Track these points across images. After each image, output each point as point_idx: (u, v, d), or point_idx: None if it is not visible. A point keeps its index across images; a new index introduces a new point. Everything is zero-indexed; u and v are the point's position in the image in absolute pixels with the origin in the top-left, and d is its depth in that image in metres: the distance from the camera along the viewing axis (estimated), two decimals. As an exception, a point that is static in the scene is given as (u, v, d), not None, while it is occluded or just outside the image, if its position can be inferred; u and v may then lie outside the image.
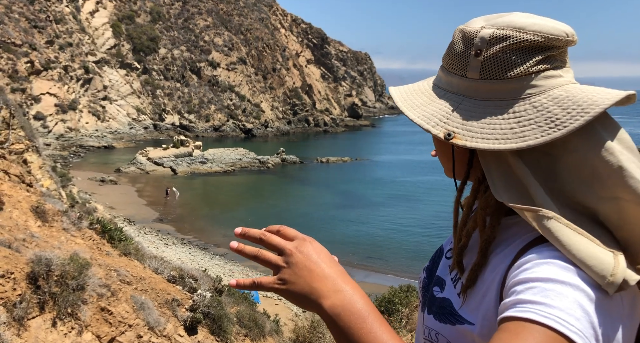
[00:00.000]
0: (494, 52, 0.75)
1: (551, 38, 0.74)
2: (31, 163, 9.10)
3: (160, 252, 18.06)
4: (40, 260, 4.23)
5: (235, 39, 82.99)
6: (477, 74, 0.77)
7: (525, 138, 0.72)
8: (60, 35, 63.08)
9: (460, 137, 0.76)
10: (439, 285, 0.92)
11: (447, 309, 0.85)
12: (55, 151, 48.55)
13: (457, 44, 0.81)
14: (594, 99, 0.71)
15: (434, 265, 1.00)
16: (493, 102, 0.77)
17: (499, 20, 0.78)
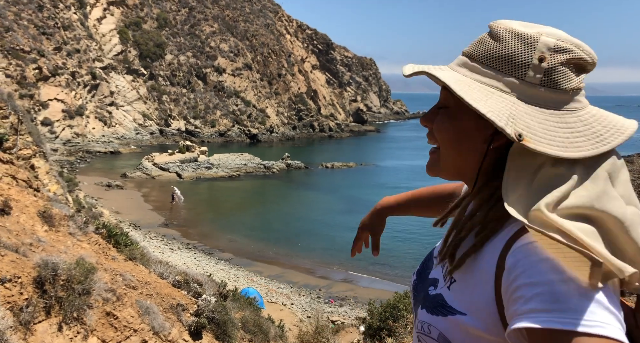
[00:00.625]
0: (559, 61, 0.77)
1: (594, 61, 0.79)
2: (38, 168, 9.18)
3: (166, 257, 18.10)
4: (46, 264, 4.26)
5: (241, 44, 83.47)
6: (537, 79, 0.78)
7: (580, 149, 0.75)
8: (68, 42, 63.75)
9: (529, 139, 0.75)
10: (434, 284, 0.95)
11: (439, 302, 0.88)
12: (62, 156, 48.92)
13: (510, 44, 0.79)
14: (622, 123, 0.80)
15: (424, 268, 1.05)
16: (547, 109, 0.78)
17: (548, 30, 0.79)
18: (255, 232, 29.02)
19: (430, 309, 0.89)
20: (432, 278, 0.97)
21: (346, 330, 9.43)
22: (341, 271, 23.37)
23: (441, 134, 0.88)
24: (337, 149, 69.63)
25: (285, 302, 18.75)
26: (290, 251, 26.05)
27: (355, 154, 62.96)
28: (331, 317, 15.78)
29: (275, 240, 27.77)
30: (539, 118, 0.78)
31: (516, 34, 0.80)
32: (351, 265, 23.98)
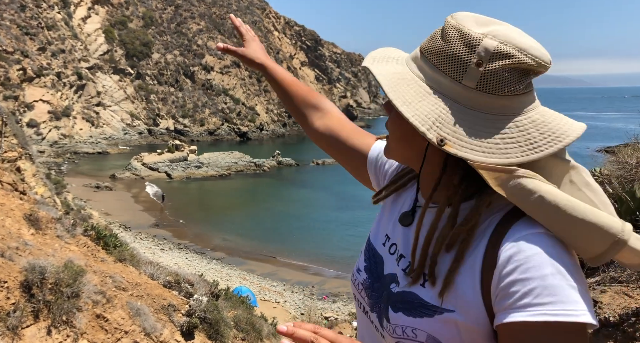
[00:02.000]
0: (497, 67, 0.75)
1: (542, 65, 0.77)
2: (24, 171, 9.06)
3: (157, 258, 18.00)
4: (33, 268, 4.21)
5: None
6: (474, 83, 0.77)
7: (508, 155, 0.76)
8: (53, 42, 62.88)
9: (451, 144, 0.76)
10: (394, 280, 0.91)
11: (415, 303, 0.84)
12: (50, 158, 48.34)
13: (453, 45, 0.78)
14: (564, 129, 0.78)
15: (372, 264, 0.98)
16: (482, 114, 0.77)
17: (498, 31, 0.77)
18: (247, 231, 28.97)
19: (409, 311, 0.84)
20: (390, 273, 0.93)
21: (339, 326, 9.48)
22: (334, 267, 23.44)
23: (389, 128, 0.89)
24: (327, 146, 69.56)
25: (279, 299, 18.77)
26: (282, 249, 26.05)
27: (346, 150, 62.97)
28: (324, 313, 15.84)
29: (268, 238, 27.75)
30: (470, 122, 0.77)
31: (461, 34, 0.78)
32: (344, 261, 24.06)
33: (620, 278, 1.69)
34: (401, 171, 1.05)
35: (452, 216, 0.82)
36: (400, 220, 0.95)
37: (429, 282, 0.83)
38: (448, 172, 0.83)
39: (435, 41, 0.81)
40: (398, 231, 0.96)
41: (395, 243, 0.95)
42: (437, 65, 0.80)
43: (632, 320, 1.43)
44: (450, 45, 0.78)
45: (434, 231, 0.83)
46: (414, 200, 0.95)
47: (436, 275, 0.82)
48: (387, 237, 0.98)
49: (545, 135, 0.77)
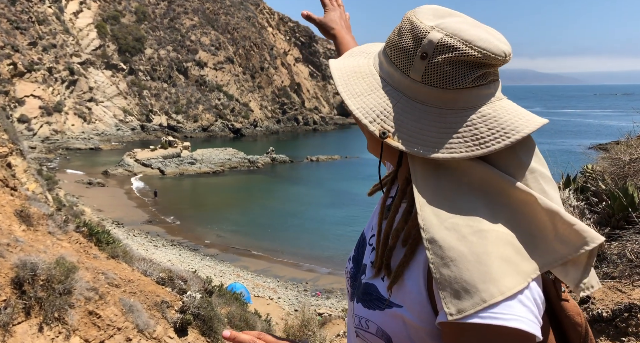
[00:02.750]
0: (439, 60, 0.74)
1: (492, 57, 0.74)
2: (15, 166, 8.96)
3: (150, 254, 17.94)
4: (25, 264, 4.18)
5: (222, 38, 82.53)
6: (419, 76, 0.76)
7: (451, 150, 0.74)
8: (44, 37, 62.21)
9: (394, 137, 0.76)
10: (364, 271, 0.91)
11: (373, 295, 0.85)
12: (41, 154, 47.91)
13: (405, 37, 0.78)
14: (516, 124, 0.75)
15: (359, 253, 1.00)
16: (429, 107, 0.76)
17: (448, 23, 0.76)
18: (241, 227, 28.93)
19: (366, 303, 0.85)
20: (364, 264, 0.94)
21: (333, 322, 9.50)
22: (327, 264, 23.48)
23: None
24: (321, 143, 69.66)
25: (272, 296, 18.78)
26: (276, 245, 26.05)
27: (340, 147, 63.07)
28: (318, 309, 15.87)
29: (261, 235, 27.73)
30: (416, 116, 0.77)
31: (412, 26, 0.78)
32: (338, 257, 24.12)
33: (613, 273, 1.70)
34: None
35: (406, 211, 0.81)
36: (382, 213, 0.96)
37: (386, 276, 0.83)
38: (403, 166, 0.83)
39: (393, 34, 0.82)
40: (375, 220, 0.98)
41: (374, 235, 0.96)
42: (391, 58, 0.80)
43: (625, 315, 1.44)
44: (402, 38, 0.79)
45: (391, 225, 0.83)
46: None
47: (391, 269, 0.82)
48: (372, 228, 0.99)
49: (493, 130, 0.74)
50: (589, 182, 2.36)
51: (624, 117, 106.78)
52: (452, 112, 0.76)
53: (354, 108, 0.80)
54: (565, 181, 2.43)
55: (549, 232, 0.73)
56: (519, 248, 0.70)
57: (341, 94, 0.82)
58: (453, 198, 0.74)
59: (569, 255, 0.72)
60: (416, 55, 0.76)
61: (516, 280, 0.68)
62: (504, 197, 0.73)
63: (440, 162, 0.76)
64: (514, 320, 0.66)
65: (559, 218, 0.72)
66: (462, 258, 0.68)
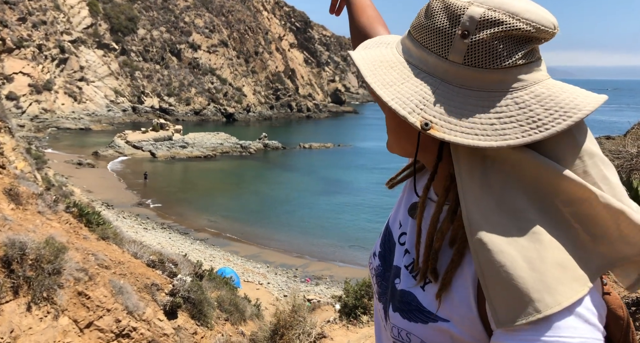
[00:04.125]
0: (484, 37, 0.66)
1: (542, 30, 0.66)
2: (4, 144, 8.80)
3: (140, 237, 17.86)
4: (13, 243, 4.11)
5: (217, 20, 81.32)
6: (460, 58, 0.68)
7: (505, 137, 0.66)
8: (33, 13, 60.79)
9: (438, 128, 0.67)
10: (397, 275, 0.85)
11: (413, 305, 0.78)
12: (30, 133, 47.21)
13: (437, 17, 0.70)
14: (576, 102, 0.67)
15: (386, 250, 0.93)
16: (474, 91, 0.68)
17: None
18: (232, 213, 28.89)
19: (405, 313, 0.79)
20: (396, 266, 0.87)
21: (322, 308, 9.56)
22: (317, 251, 23.59)
23: (386, 121, 0.82)
24: (315, 130, 69.44)
25: (262, 281, 18.86)
26: (266, 231, 26.08)
27: (333, 135, 62.93)
28: (307, 295, 15.97)
29: (252, 220, 27.73)
30: (461, 102, 0.69)
31: (445, 4, 0.70)
32: (329, 244, 24.22)
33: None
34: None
35: (450, 210, 0.74)
36: (409, 211, 0.90)
37: (431, 282, 0.77)
38: (444, 161, 0.75)
39: (420, 17, 0.74)
40: (407, 221, 0.90)
41: (405, 233, 0.90)
42: (422, 42, 0.72)
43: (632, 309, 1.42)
44: (434, 18, 0.70)
45: (435, 226, 0.75)
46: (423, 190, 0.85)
47: (438, 274, 0.75)
48: (400, 224, 0.93)
49: (551, 110, 0.66)
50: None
51: (614, 112, 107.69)
52: (500, 94, 0.67)
53: (388, 99, 0.70)
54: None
55: (612, 232, 0.66)
56: (575, 251, 0.64)
57: (371, 84, 0.72)
58: (502, 196, 0.66)
59: (635, 257, 0.66)
60: (455, 35, 0.67)
61: (574, 287, 0.62)
62: (560, 194, 0.66)
63: (489, 153, 0.68)
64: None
65: (624, 218, 0.65)
66: (513, 264, 0.62)
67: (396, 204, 1.02)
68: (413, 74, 0.72)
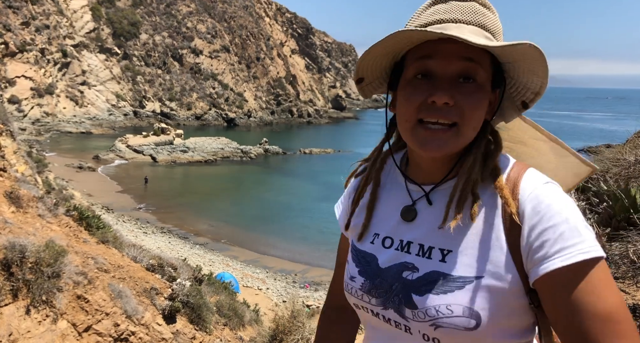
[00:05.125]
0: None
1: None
2: (5, 147, 8.82)
3: (139, 241, 17.82)
4: (13, 246, 4.11)
5: (219, 26, 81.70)
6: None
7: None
8: (37, 17, 61.12)
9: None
10: (406, 268, 0.88)
11: (441, 280, 0.83)
12: (31, 136, 47.28)
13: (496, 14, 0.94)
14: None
15: (364, 265, 0.94)
16: None
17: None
18: (232, 217, 28.85)
19: (438, 289, 0.82)
20: (393, 265, 0.90)
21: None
22: (317, 256, 23.53)
23: (475, 109, 0.82)
24: (315, 135, 69.50)
25: (261, 286, 18.80)
26: (266, 236, 26.04)
27: (334, 140, 62.98)
28: (306, 301, 15.91)
29: (252, 225, 27.69)
30: None
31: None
32: (329, 249, 24.16)
33: (616, 274, 1.70)
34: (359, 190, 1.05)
35: (479, 161, 0.87)
36: (403, 215, 0.93)
37: (450, 252, 0.84)
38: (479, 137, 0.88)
39: (487, 15, 0.89)
40: (394, 224, 0.94)
41: (390, 237, 0.93)
42: (498, 36, 0.90)
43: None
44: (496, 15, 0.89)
45: (467, 178, 0.86)
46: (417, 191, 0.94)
47: (477, 195, 0.85)
48: (376, 234, 0.96)
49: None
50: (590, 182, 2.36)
51: (614, 120, 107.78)
52: None
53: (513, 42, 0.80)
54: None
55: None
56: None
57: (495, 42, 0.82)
58: (528, 152, 0.95)
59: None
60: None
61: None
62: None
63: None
64: (601, 249, 0.77)
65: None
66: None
67: (349, 213, 1.06)
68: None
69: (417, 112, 0.83)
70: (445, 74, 0.82)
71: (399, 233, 0.92)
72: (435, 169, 0.90)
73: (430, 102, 0.81)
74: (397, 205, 0.95)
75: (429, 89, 0.82)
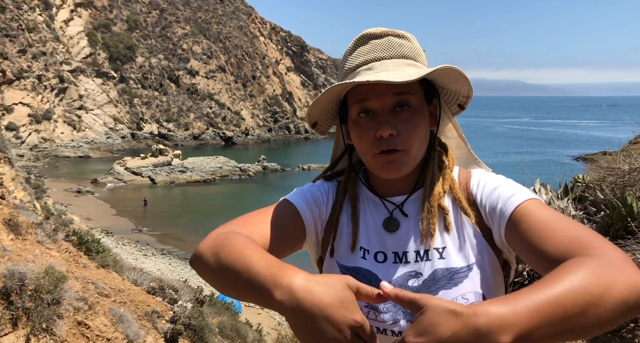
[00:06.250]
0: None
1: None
2: (3, 175, 8.82)
3: (140, 263, 17.69)
4: (13, 274, 4.08)
5: (214, 47, 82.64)
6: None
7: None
8: (34, 44, 61.80)
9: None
10: (411, 276, 0.95)
11: (447, 276, 0.92)
12: (29, 162, 47.31)
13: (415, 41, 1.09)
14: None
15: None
16: None
17: None
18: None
19: (448, 284, 0.92)
20: (402, 275, 0.95)
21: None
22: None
23: (415, 132, 0.93)
24: (313, 151, 69.69)
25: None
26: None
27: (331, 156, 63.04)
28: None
29: (252, 243, 27.50)
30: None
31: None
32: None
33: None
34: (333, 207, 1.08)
35: (437, 173, 1.02)
36: (386, 226, 0.99)
37: (446, 248, 0.94)
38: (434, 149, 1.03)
39: (403, 45, 1.01)
40: (378, 238, 0.99)
41: (382, 251, 0.98)
42: (418, 60, 1.01)
43: (631, 326, 1.43)
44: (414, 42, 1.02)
45: (429, 196, 0.98)
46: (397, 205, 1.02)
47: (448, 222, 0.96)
48: (364, 249, 0.99)
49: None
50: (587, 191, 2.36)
51: (609, 128, 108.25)
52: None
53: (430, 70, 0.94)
54: (564, 190, 2.44)
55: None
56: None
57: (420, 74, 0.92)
58: (448, 143, 1.10)
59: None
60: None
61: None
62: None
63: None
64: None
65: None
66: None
67: (331, 229, 1.06)
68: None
69: (372, 148, 0.94)
70: (383, 109, 0.94)
71: (389, 246, 0.98)
72: (400, 183, 1.01)
73: (379, 136, 0.92)
74: (374, 217, 1.01)
75: (374, 125, 0.93)
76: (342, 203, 1.06)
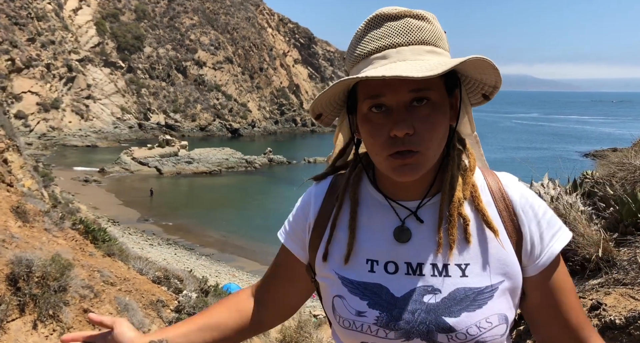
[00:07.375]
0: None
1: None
2: (12, 162, 8.90)
3: (145, 253, 17.84)
4: (20, 261, 4.13)
5: (222, 38, 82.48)
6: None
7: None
8: (42, 33, 62.00)
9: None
10: (427, 292, 0.85)
11: (470, 296, 0.83)
12: (37, 150, 47.72)
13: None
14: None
15: (374, 297, 0.87)
16: None
17: None
18: (237, 228, 28.84)
19: (471, 306, 0.82)
20: (410, 290, 0.86)
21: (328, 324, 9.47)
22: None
23: (434, 130, 0.82)
24: (319, 144, 69.64)
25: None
26: (272, 246, 25.96)
27: (337, 148, 62.95)
28: (313, 311, 15.82)
29: (258, 235, 27.65)
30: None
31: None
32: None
33: (625, 280, 1.67)
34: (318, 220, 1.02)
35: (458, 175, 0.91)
36: (397, 236, 0.89)
37: (469, 265, 0.85)
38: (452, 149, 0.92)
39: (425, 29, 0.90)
40: (388, 247, 0.89)
41: (393, 261, 0.88)
42: (440, 45, 0.88)
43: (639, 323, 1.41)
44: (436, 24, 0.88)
45: (451, 200, 0.88)
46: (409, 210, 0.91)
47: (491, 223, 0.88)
48: (371, 261, 0.90)
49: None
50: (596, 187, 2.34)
51: (619, 124, 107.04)
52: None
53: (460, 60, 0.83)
54: (573, 185, 2.42)
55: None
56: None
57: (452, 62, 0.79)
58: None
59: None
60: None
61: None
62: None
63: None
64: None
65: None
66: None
67: (325, 241, 0.98)
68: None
69: (384, 148, 0.83)
70: (398, 105, 0.82)
71: (401, 256, 0.88)
72: (414, 185, 0.89)
73: (393, 136, 0.81)
74: (383, 225, 0.91)
75: (387, 123, 0.82)
76: (342, 203, 0.97)
